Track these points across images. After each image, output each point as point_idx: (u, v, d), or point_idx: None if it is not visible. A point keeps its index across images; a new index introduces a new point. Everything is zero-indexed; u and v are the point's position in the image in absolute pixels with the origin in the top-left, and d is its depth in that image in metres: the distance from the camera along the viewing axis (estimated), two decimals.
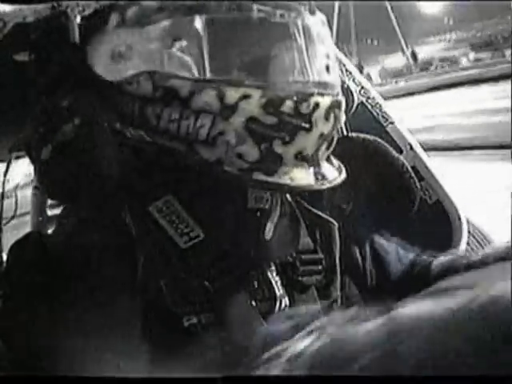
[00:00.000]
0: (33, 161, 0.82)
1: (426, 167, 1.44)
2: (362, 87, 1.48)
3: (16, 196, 1.11)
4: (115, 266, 0.74)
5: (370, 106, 1.47)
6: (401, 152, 1.41)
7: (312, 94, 0.77)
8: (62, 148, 0.76)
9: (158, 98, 0.75)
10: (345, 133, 1.34)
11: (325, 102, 0.78)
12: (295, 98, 0.76)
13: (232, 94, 0.74)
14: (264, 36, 0.78)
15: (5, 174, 1.00)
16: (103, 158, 0.75)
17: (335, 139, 0.83)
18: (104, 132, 0.76)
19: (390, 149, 1.24)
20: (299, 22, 0.79)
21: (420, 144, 1.46)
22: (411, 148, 1.44)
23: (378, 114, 1.45)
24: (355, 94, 1.39)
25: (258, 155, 0.76)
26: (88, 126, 0.76)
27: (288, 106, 0.75)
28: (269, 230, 0.82)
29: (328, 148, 0.82)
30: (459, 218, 1.42)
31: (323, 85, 0.80)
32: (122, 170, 0.77)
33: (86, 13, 0.84)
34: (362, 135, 1.22)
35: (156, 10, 0.76)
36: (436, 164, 1.45)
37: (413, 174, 1.28)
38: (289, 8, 0.78)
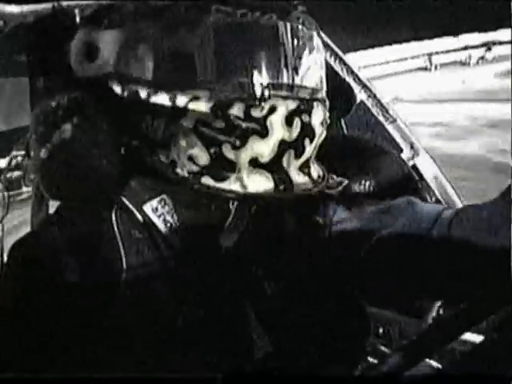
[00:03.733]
0: (32, 160, 0.82)
1: (427, 166, 1.44)
2: (363, 86, 1.48)
3: None
4: (104, 265, 0.75)
5: (370, 105, 1.47)
6: (401, 151, 1.41)
7: (268, 97, 0.73)
8: (60, 147, 0.76)
9: (126, 98, 0.76)
10: (345, 132, 1.34)
11: (286, 106, 0.74)
12: (245, 101, 0.72)
13: (183, 96, 0.73)
14: (220, 37, 0.73)
15: (5, 174, 1.00)
16: (101, 156, 0.76)
17: (310, 147, 0.78)
18: (102, 130, 0.77)
19: (391, 147, 1.24)
20: (263, 22, 0.74)
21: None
22: (411, 147, 1.44)
23: (378, 113, 1.45)
24: (356, 93, 1.39)
25: (207, 159, 0.74)
26: (87, 125, 0.76)
27: (237, 108, 0.72)
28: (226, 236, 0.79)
29: (298, 157, 0.77)
30: None
31: (286, 87, 0.75)
32: (119, 167, 0.78)
33: (86, 13, 0.84)
34: (362, 134, 1.22)
35: (131, 14, 0.77)
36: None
37: (413, 174, 1.28)
38: (253, 8, 0.74)
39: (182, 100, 0.73)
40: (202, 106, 0.72)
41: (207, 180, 0.75)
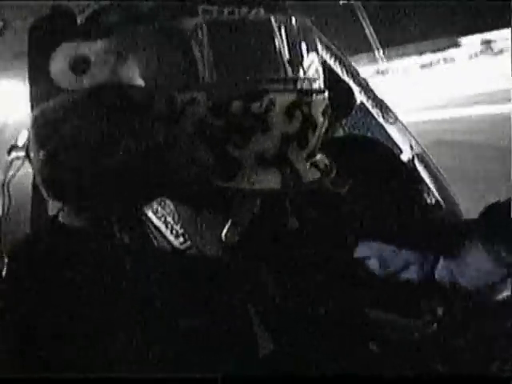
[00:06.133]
0: (32, 161, 0.82)
1: (426, 167, 1.44)
2: (363, 87, 1.48)
3: None
4: (105, 267, 0.74)
5: (370, 106, 1.47)
6: (400, 152, 1.41)
7: (265, 92, 0.73)
8: (60, 148, 0.76)
9: (122, 107, 0.76)
10: (345, 133, 1.34)
11: (284, 99, 0.74)
12: (243, 98, 0.72)
13: (180, 99, 0.72)
14: (211, 37, 0.73)
15: (5, 175, 1.00)
16: (102, 157, 0.76)
17: (314, 138, 0.77)
18: (102, 131, 0.76)
19: (390, 148, 1.24)
20: (251, 17, 0.74)
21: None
22: (411, 148, 1.44)
23: (378, 114, 1.46)
24: (356, 94, 1.40)
25: (212, 160, 0.74)
26: (87, 126, 0.76)
27: (236, 106, 0.72)
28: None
29: (302, 148, 0.77)
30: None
31: (282, 81, 0.74)
32: (121, 169, 0.77)
33: (86, 14, 0.84)
34: (361, 134, 1.23)
35: (117, 22, 0.76)
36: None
37: (413, 175, 1.28)
38: (240, 3, 0.73)
39: (179, 102, 0.73)
40: (202, 107, 0.72)
41: (216, 181, 0.74)
